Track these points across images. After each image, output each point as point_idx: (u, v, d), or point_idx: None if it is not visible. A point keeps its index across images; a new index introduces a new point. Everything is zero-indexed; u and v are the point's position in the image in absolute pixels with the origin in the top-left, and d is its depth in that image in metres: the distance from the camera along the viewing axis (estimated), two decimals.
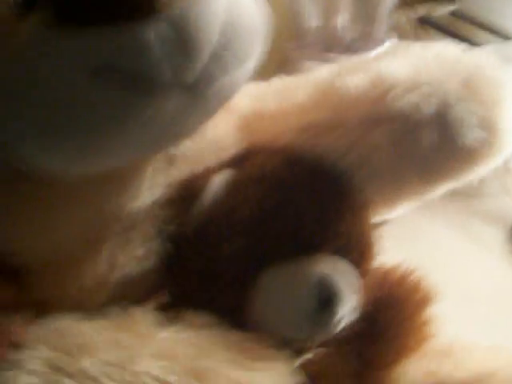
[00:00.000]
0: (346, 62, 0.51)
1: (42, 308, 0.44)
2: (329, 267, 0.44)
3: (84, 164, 0.37)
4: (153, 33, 0.32)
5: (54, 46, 0.32)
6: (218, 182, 0.46)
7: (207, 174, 0.46)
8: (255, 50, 0.38)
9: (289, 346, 0.46)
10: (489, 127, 0.43)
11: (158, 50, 0.32)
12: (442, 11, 0.92)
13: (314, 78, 0.50)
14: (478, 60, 0.45)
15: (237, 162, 0.48)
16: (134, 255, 0.44)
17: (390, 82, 0.43)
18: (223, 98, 0.38)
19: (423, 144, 0.42)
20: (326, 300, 0.42)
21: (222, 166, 0.48)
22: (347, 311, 0.44)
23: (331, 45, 0.78)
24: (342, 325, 0.45)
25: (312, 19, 0.79)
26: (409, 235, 0.81)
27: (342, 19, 0.79)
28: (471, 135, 0.42)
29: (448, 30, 0.88)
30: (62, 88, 0.33)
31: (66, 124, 0.33)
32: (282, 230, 0.44)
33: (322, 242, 0.44)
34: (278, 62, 0.77)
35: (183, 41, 0.33)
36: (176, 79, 0.33)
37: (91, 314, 0.39)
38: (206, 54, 0.34)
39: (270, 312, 0.43)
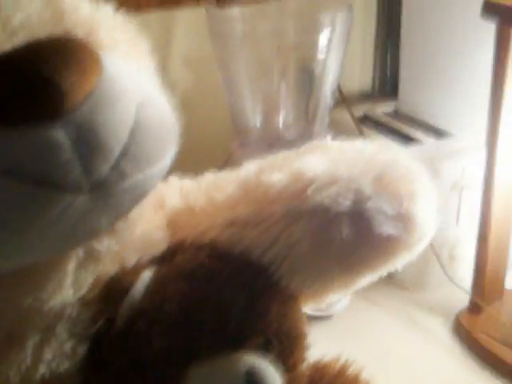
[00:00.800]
0: (272, 157, 0.52)
1: None
2: (256, 360, 0.44)
3: None
4: (60, 134, 0.33)
5: None
6: (146, 278, 0.46)
7: (136, 269, 0.47)
8: (169, 149, 0.40)
9: None
10: (403, 220, 0.45)
11: (66, 151, 0.33)
12: (381, 110, 0.97)
13: (242, 174, 0.52)
14: (392, 156, 0.48)
15: (166, 257, 0.48)
16: (60, 351, 0.43)
17: (309, 176, 0.45)
18: (136, 195, 0.39)
19: (341, 236, 0.44)
20: None
21: (151, 262, 0.48)
22: None
23: (273, 143, 0.80)
24: None
25: (254, 118, 0.82)
26: (352, 328, 0.81)
27: (284, 117, 0.83)
28: (386, 227, 0.44)
29: (387, 126, 0.93)
30: None
31: None
32: (210, 323, 0.44)
33: (249, 334, 0.44)
34: (223, 161, 0.80)
35: (91, 142, 0.34)
36: (84, 178, 0.34)
37: None
38: (114, 153, 0.35)
39: None
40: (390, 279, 0.90)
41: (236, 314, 0.44)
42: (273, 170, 0.48)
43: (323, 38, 0.78)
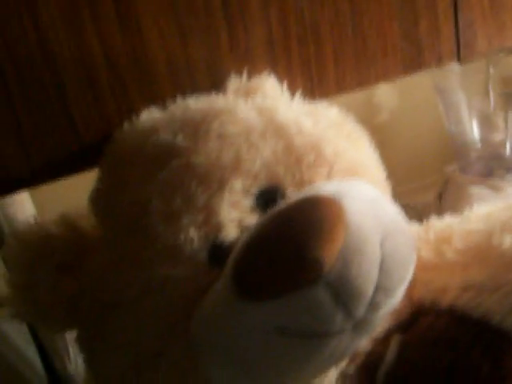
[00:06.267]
0: (498, 210, 0.52)
1: None
2: None
3: None
4: (321, 293, 0.38)
5: (239, 311, 0.40)
6: (396, 345, 0.50)
7: (387, 338, 0.51)
8: (412, 265, 0.43)
9: None
10: None
11: (328, 305, 0.38)
12: None
13: (469, 227, 0.52)
14: None
15: (410, 323, 0.52)
16: None
17: None
18: (383, 318, 0.43)
19: None
20: None
21: (398, 328, 0.52)
22: None
23: (493, 166, 0.78)
24: None
25: (473, 140, 0.81)
26: None
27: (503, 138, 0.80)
28: None
29: None
30: (251, 344, 0.40)
31: (256, 369, 0.41)
32: None
33: None
34: (441, 186, 0.81)
35: (348, 291, 0.38)
36: (347, 321, 0.39)
37: None
38: (369, 293, 0.39)
39: None
40: None
41: (485, 374, 0.47)
42: (502, 231, 0.49)
43: None
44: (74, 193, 0.54)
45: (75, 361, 0.74)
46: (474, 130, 0.79)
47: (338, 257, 0.39)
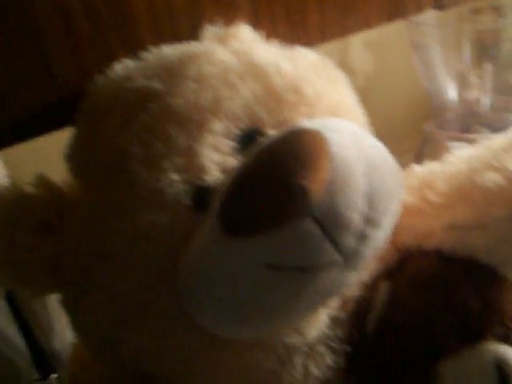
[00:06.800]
0: (477, 149, 0.52)
1: None
2: (500, 347, 0.45)
3: (258, 331, 0.43)
4: (310, 225, 0.37)
5: (226, 249, 0.39)
6: (385, 290, 0.50)
7: (375, 283, 0.51)
8: (398, 198, 0.43)
9: None
10: None
11: (317, 237, 0.38)
12: None
13: (451, 169, 0.52)
14: None
15: (398, 267, 0.52)
16: (323, 366, 0.48)
17: None
18: (375, 250, 0.42)
19: None
20: (506, 379, 0.44)
21: (386, 274, 0.52)
22: None
23: (470, 122, 0.79)
24: None
25: (450, 97, 0.81)
26: None
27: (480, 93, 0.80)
28: None
29: None
30: (240, 283, 0.39)
31: (246, 307, 0.40)
32: (452, 324, 0.47)
33: (488, 328, 0.46)
34: (420, 143, 0.81)
35: (336, 222, 0.38)
36: (337, 254, 0.39)
37: None
38: (358, 223, 0.39)
39: None
40: None
41: (474, 310, 0.46)
42: (485, 169, 0.49)
43: None
44: (47, 158, 0.53)
45: (61, 336, 0.73)
46: (451, 87, 0.79)
47: (325, 188, 0.38)
